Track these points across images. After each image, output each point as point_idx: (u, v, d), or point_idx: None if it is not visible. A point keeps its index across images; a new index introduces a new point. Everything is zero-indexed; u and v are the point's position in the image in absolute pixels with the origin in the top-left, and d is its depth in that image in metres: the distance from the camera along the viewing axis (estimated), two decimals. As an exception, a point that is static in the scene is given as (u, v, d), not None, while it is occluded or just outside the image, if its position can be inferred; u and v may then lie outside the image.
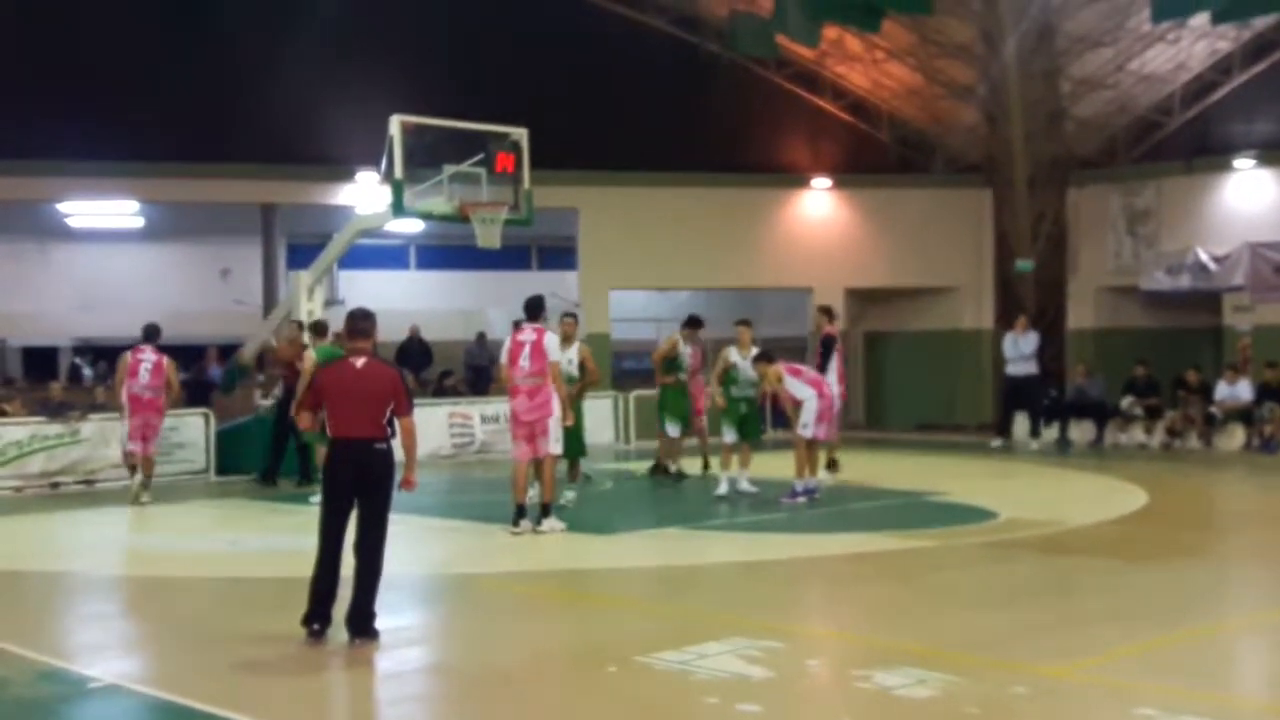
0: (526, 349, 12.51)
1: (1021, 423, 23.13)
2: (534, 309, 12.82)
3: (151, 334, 16.22)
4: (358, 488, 8.15)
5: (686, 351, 17.00)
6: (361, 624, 8.08)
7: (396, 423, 8.33)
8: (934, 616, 8.96)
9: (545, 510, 12.66)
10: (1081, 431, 22.58)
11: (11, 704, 7.04)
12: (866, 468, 17.68)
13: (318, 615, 8.11)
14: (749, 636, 8.05)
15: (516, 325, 13.01)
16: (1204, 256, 22.79)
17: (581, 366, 14.42)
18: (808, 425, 14.43)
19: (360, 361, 8.36)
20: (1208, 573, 10.99)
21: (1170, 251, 23.76)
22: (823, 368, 16.24)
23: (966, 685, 6.95)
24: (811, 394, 14.49)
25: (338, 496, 8.20)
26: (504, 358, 12.77)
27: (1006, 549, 11.77)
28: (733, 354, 15.25)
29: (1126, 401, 22.24)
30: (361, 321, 8.55)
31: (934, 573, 10.90)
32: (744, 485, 15.40)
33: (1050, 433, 22.63)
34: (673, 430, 17.03)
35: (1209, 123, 24.48)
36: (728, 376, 15.22)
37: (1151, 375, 22.30)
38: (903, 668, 7.24)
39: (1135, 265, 24.59)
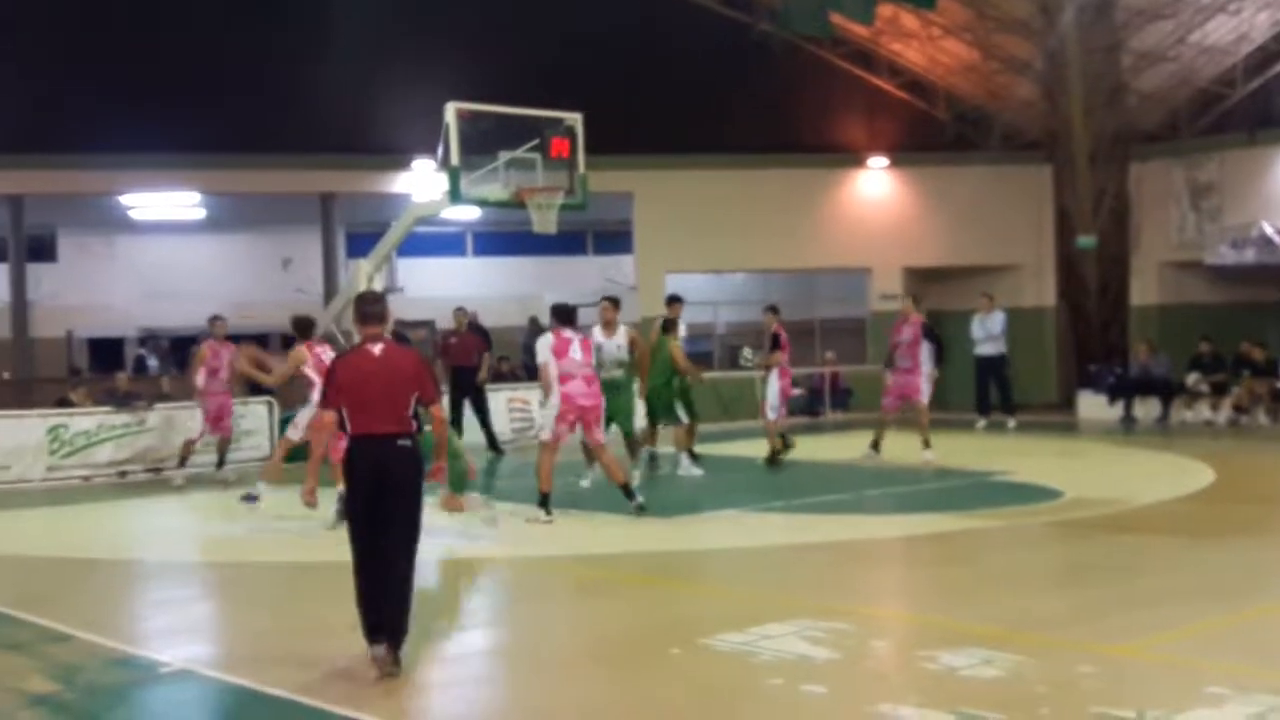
0: (575, 343, 12.72)
1: (1092, 401, 22.96)
2: (567, 315, 12.93)
3: None
4: (382, 490, 7.25)
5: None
6: (396, 641, 7.25)
7: (423, 413, 7.55)
8: (1000, 597, 8.90)
9: (628, 492, 12.68)
10: (1146, 409, 22.33)
11: (85, 689, 7.16)
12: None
13: (379, 627, 7.28)
14: (812, 618, 8.04)
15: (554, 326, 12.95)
16: (1269, 230, 22.43)
17: (631, 350, 14.79)
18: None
19: (377, 348, 7.49)
20: (1277, 550, 10.83)
21: (1234, 225, 23.40)
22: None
23: (1033, 665, 6.90)
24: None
25: (362, 502, 7.30)
26: (546, 354, 12.61)
27: (1072, 528, 11.67)
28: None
29: (1192, 378, 21.96)
30: (372, 305, 7.74)
31: (999, 553, 10.84)
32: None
33: (1115, 410, 22.45)
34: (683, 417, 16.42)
35: (1272, 94, 24.05)
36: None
37: (1217, 351, 21.99)
38: (969, 648, 7.20)
39: (1199, 240, 24.24)
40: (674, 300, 16.75)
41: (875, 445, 16.87)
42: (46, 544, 12.80)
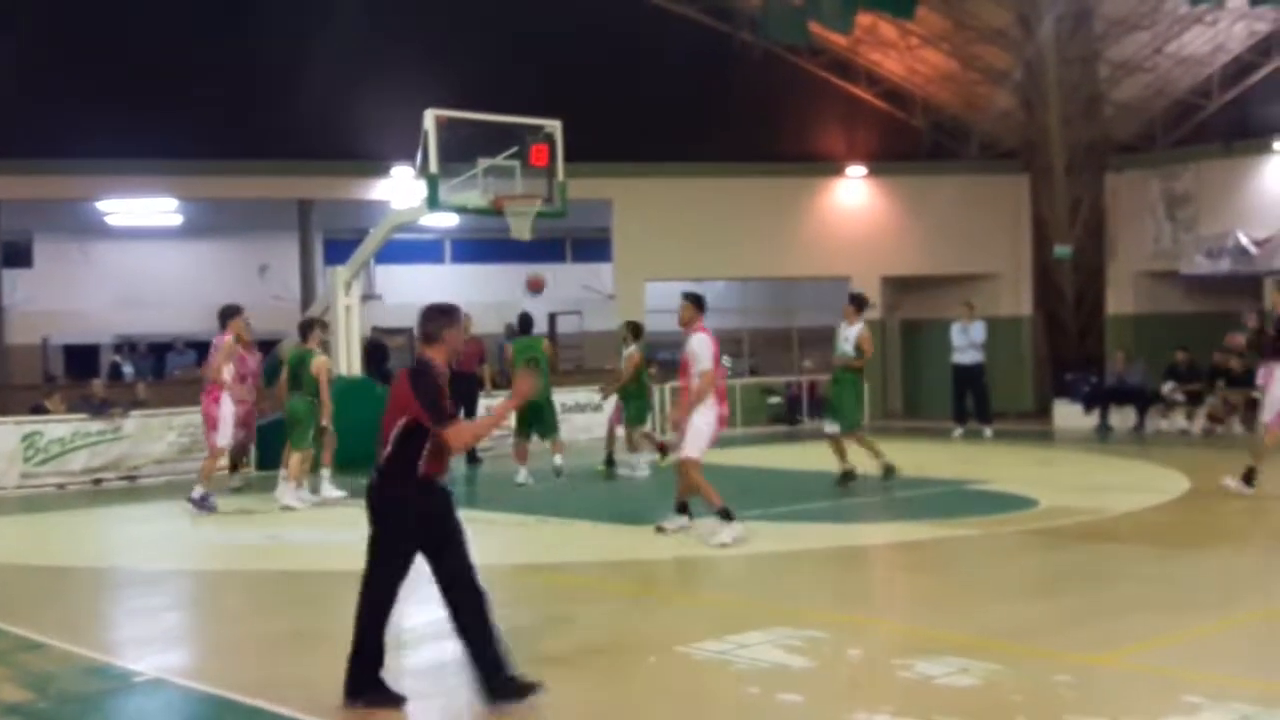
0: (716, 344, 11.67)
1: (1068, 410, 23.06)
2: (704, 302, 11.81)
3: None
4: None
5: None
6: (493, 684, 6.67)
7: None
8: (976, 605, 8.92)
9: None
10: (1122, 418, 22.43)
11: (57, 698, 7.12)
12: (906, 457, 17.58)
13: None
14: (790, 626, 8.04)
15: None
16: (1244, 240, 22.56)
17: (859, 347, 15.13)
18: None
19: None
20: (1252, 559, 10.89)
21: (1210, 235, 23.53)
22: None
23: (1009, 674, 6.91)
24: None
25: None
26: (708, 362, 11.36)
27: (1048, 537, 11.70)
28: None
29: (1168, 387, 22.07)
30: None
31: (975, 561, 10.86)
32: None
33: (1091, 419, 22.56)
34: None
35: (1248, 105, 24.18)
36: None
37: (1193, 360, 22.11)
38: (945, 657, 7.22)
39: (1175, 250, 24.35)
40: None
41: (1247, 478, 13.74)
42: (20, 552, 12.71)
